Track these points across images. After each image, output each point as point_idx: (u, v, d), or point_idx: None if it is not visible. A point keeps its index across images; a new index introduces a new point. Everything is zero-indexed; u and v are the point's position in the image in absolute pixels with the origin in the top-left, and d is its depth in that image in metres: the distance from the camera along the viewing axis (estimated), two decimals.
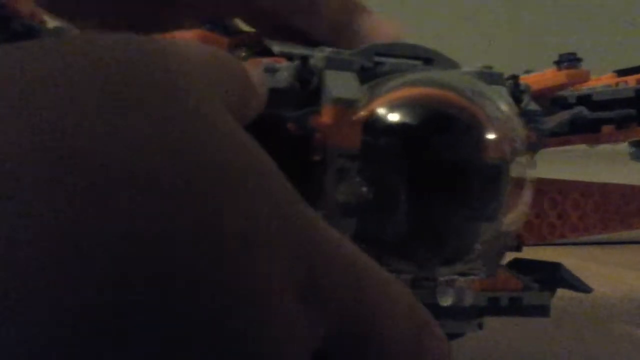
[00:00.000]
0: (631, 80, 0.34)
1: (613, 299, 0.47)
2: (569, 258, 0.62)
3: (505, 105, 0.27)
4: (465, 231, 0.26)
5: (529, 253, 0.33)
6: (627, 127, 0.34)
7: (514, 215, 0.26)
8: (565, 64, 0.33)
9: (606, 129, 0.34)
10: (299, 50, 0.29)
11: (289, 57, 0.29)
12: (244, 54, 0.33)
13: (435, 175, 0.25)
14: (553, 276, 0.31)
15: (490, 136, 0.25)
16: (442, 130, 0.25)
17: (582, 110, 0.33)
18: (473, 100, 0.26)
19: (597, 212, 0.36)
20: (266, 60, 0.29)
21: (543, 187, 0.34)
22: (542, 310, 0.30)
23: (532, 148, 0.29)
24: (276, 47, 0.30)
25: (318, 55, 0.28)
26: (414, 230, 0.25)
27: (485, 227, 0.26)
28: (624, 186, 0.36)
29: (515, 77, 0.30)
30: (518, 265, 0.32)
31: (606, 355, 0.34)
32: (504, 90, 0.29)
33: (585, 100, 0.34)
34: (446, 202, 0.25)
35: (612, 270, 0.58)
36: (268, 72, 0.28)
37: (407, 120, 0.25)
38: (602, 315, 0.43)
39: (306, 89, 0.27)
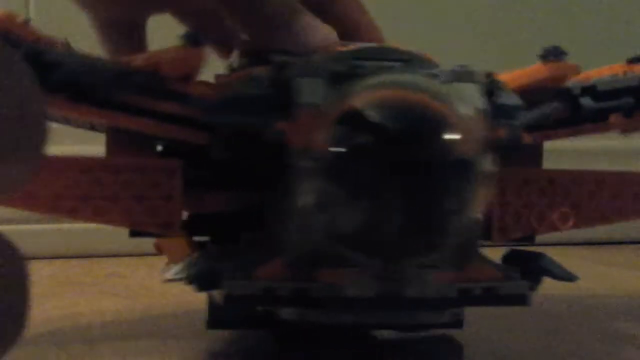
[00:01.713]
0: (638, 68, 0.35)
1: (613, 299, 0.47)
2: (569, 258, 0.63)
3: (465, 104, 0.28)
4: (431, 226, 0.26)
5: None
6: (636, 115, 0.34)
7: (477, 208, 0.27)
8: (551, 57, 0.33)
9: (614, 117, 0.34)
10: (295, 59, 0.30)
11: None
12: (246, 61, 0.34)
13: (400, 172, 0.25)
14: (534, 266, 0.32)
15: (451, 134, 0.26)
16: (404, 129, 0.25)
17: (557, 105, 0.33)
18: (434, 99, 0.26)
19: (613, 201, 0.36)
20: (258, 70, 0.30)
21: (555, 176, 0.35)
22: (520, 299, 0.30)
23: (508, 142, 0.30)
24: (276, 57, 0.31)
25: (291, 64, 0.30)
26: (382, 227, 0.26)
27: (451, 221, 0.26)
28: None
29: (489, 74, 0.31)
30: (511, 257, 0.33)
31: (606, 355, 0.34)
32: (475, 88, 0.30)
33: (590, 91, 0.34)
34: (410, 198, 0.25)
35: (612, 270, 0.58)
36: (253, 80, 0.30)
37: (371, 120, 0.26)
38: (602, 315, 0.43)
39: (280, 97, 0.29)
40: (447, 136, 0.26)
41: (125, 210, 0.32)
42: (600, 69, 0.35)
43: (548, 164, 0.36)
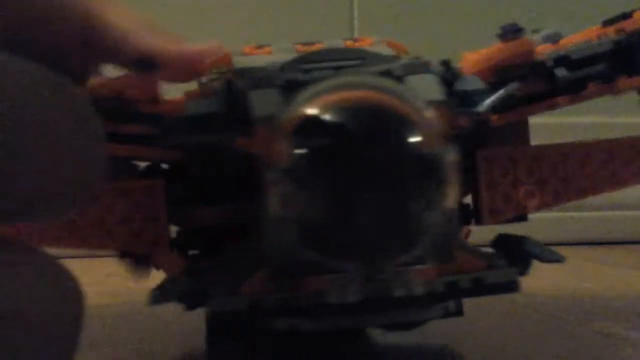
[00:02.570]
0: (611, 31, 0.33)
1: (613, 299, 0.47)
2: (570, 258, 0.63)
3: (421, 97, 0.27)
4: (404, 224, 0.25)
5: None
6: (612, 81, 0.33)
7: (445, 200, 0.26)
8: (509, 35, 0.32)
9: (592, 86, 0.33)
10: (260, 63, 0.30)
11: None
12: (215, 75, 0.34)
13: (362, 174, 0.25)
14: (520, 250, 0.32)
15: (410, 130, 0.25)
16: (360, 130, 0.25)
17: (515, 86, 0.31)
18: (388, 96, 0.26)
19: (605, 169, 0.34)
20: (216, 84, 0.30)
21: (542, 152, 0.34)
22: (509, 287, 0.30)
23: (472, 129, 0.30)
24: (237, 64, 0.31)
25: (241, 77, 0.29)
26: (355, 231, 0.25)
27: (421, 216, 0.25)
28: (633, 137, 0.35)
29: (446, 63, 0.31)
30: (498, 242, 0.32)
31: (606, 355, 0.34)
32: (432, 78, 0.29)
33: (563, 61, 0.32)
34: (377, 199, 0.25)
35: (612, 270, 0.58)
36: (209, 97, 0.30)
37: (328, 125, 0.25)
38: (602, 315, 0.43)
39: (235, 112, 0.29)
40: (406, 133, 0.25)
41: (112, 234, 0.32)
42: (574, 36, 0.33)
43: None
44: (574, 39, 0.33)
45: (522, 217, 0.34)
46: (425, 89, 0.29)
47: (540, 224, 0.65)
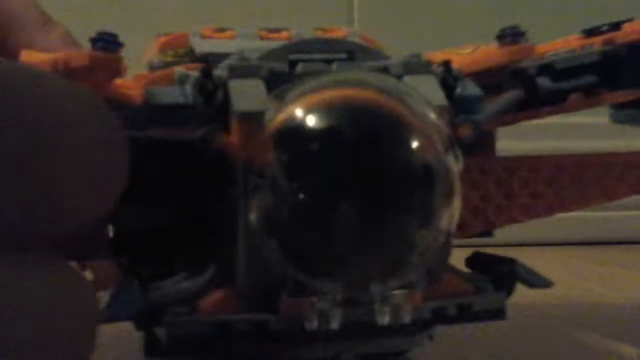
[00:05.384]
0: (597, 41, 0.31)
1: (613, 299, 0.47)
2: (569, 258, 0.62)
3: (422, 101, 0.24)
4: (396, 242, 0.23)
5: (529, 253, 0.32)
6: (595, 94, 0.31)
7: (448, 216, 0.23)
8: (509, 39, 0.30)
9: (573, 97, 0.31)
10: (224, 49, 0.27)
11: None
12: (170, 58, 0.31)
13: (359, 184, 0.22)
14: (507, 273, 0.29)
15: (410, 137, 0.22)
16: (354, 135, 0.22)
17: (519, 92, 0.30)
18: (386, 97, 0.23)
19: (573, 186, 0.32)
20: (180, 69, 0.27)
21: (511, 165, 0.31)
22: (496, 314, 0.28)
23: (468, 139, 0.27)
24: (198, 48, 0.28)
25: (221, 65, 0.26)
26: (340, 248, 0.22)
27: (420, 235, 0.23)
28: (601, 154, 0.33)
29: (446, 64, 0.28)
30: (476, 261, 0.30)
31: (606, 355, 0.34)
32: (432, 80, 0.27)
33: (547, 70, 0.30)
34: (374, 213, 0.22)
35: (612, 270, 0.58)
36: (179, 83, 0.26)
37: (320, 127, 0.22)
38: (601, 315, 0.42)
39: (211, 104, 0.25)
40: (406, 140, 0.22)
41: None
42: (555, 42, 0.32)
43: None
44: (554, 47, 0.31)
45: (488, 232, 0.32)
46: (425, 92, 0.25)
47: (540, 224, 0.64)
